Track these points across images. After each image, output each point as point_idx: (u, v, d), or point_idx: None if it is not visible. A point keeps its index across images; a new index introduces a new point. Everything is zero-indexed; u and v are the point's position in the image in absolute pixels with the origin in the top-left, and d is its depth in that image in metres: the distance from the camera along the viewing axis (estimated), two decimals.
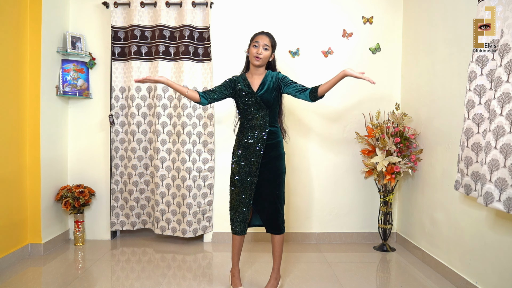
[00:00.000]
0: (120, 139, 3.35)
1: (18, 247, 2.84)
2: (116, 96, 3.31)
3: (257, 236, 3.37)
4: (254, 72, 2.28)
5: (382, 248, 3.17)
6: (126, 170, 3.35)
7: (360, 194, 3.39)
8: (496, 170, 1.77)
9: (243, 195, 2.23)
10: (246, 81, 2.27)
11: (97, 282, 2.50)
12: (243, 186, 2.23)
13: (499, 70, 1.82)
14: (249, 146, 2.23)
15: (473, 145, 2.04)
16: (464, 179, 2.14)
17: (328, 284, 2.47)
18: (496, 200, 1.77)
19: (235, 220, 2.26)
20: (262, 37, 2.22)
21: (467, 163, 2.10)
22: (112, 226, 3.38)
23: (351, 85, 3.34)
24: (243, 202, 2.23)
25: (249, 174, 2.23)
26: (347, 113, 3.35)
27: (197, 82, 3.24)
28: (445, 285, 2.46)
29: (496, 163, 1.78)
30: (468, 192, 2.10)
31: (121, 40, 3.28)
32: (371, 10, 3.32)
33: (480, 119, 2.00)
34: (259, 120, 2.23)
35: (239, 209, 2.25)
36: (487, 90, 1.97)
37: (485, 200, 1.82)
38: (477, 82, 2.02)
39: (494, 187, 1.78)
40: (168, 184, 3.28)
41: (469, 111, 2.07)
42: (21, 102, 2.87)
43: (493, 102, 1.83)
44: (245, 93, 2.24)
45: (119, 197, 3.37)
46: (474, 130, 2.04)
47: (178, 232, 3.28)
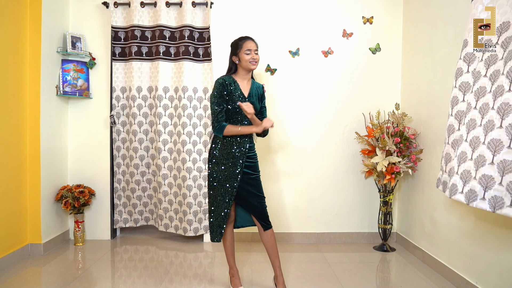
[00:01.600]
0: (121, 138, 3.36)
1: (18, 247, 2.84)
2: (117, 96, 3.31)
3: (256, 236, 3.37)
4: (245, 77, 2.30)
5: (382, 248, 3.17)
6: (128, 169, 3.36)
7: (360, 194, 3.39)
8: (463, 162, 1.75)
9: (222, 201, 2.23)
10: (236, 84, 2.27)
11: (97, 282, 2.50)
12: (222, 191, 2.24)
13: (479, 65, 1.81)
14: (233, 152, 2.24)
15: (453, 141, 1.99)
16: (443, 176, 2.09)
17: (328, 284, 2.47)
18: (459, 192, 1.75)
19: (212, 225, 2.27)
20: (251, 43, 2.25)
21: (446, 160, 2.05)
22: (116, 223, 3.41)
23: (351, 85, 3.34)
24: (221, 208, 2.23)
25: (230, 179, 2.23)
26: (347, 113, 3.35)
27: (197, 82, 3.25)
28: (445, 285, 2.46)
29: (464, 155, 1.76)
30: (445, 189, 2.05)
31: (121, 40, 3.28)
32: (371, 10, 3.32)
33: (461, 116, 1.96)
34: (244, 123, 2.26)
35: (216, 215, 2.26)
36: (471, 87, 1.93)
37: (450, 191, 1.81)
38: (463, 79, 1.98)
39: (459, 179, 1.76)
40: (170, 183, 3.30)
41: (452, 108, 2.04)
42: (21, 102, 2.87)
43: (470, 95, 1.82)
44: (237, 96, 2.23)
45: (122, 195, 3.40)
46: (455, 126, 1.99)
47: (180, 230, 3.31)
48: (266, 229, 2.27)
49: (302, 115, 3.35)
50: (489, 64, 1.75)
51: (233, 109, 2.23)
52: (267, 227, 2.27)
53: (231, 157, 2.24)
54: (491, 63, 1.75)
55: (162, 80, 3.22)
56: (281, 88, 3.33)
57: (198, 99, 3.25)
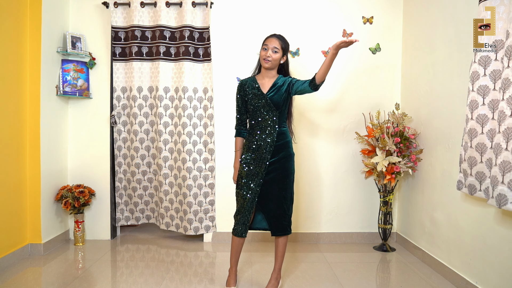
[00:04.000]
0: (122, 138, 3.36)
1: (18, 247, 2.84)
2: (118, 96, 3.32)
3: (257, 236, 3.37)
4: (266, 75, 2.29)
5: (382, 248, 3.17)
6: (129, 168, 3.37)
7: (360, 194, 3.39)
8: (508, 172, 1.77)
9: (248, 197, 2.22)
10: (255, 82, 2.28)
11: (97, 282, 2.50)
12: (248, 188, 2.22)
13: (506, 72, 1.82)
14: (258, 148, 2.23)
15: (477, 145, 2.04)
16: (468, 179, 2.14)
17: (328, 284, 2.47)
18: (510, 202, 1.77)
19: (238, 222, 2.25)
20: (272, 39, 2.22)
21: (470, 164, 2.10)
22: (118, 221, 3.43)
23: (351, 84, 3.34)
24: (247, 204, 2.22)
25: (256, 175, 2.22)
26: (347, 113, 3.35)
27: (197, 82, 3.25)
28: (445, 285, 2.46)
29: (508, 164, 1.77)
30: (473, 192, 2.10)
31: (121, 40, 3.28)
32: (371, 10, 3.32)
33: (484, 120, 2.01)
34: (268, 121, 2.23)
35: (242, 211, 2.24)
36: (491, 91, 1.97)
37: (497, 202, 1.83)
38: (481, 83, 2.02)
39: (508, 189, 1.78)
40: (171, 182, 3.31)
41: (472, 112, 2.07)
42: (21, 102, 2.87)
43: (502, 103, 1.83)
44: (254, 94, 2.24)
45: (123, 194, 3.42)
46: (478, 130, 2.04)
47: (181, 229, 3.33)
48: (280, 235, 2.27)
49: (302, 115, 3.35)
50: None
51: (254, 108, 2.25)
52: (280, 234, 2.26)
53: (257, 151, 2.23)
54: None
55: (163, 80, 3.22)
56: None
57: (198, 99, 3.25)
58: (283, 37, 2.28)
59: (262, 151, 2.22)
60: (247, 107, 2.30)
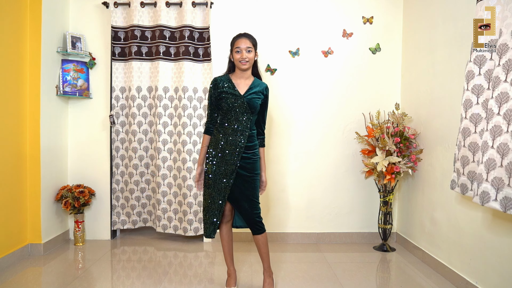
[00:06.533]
0: (120, 138, 3.35)
1: (18, 247, 2.84)
2: (117, 96, 3.31)
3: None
4: (241, 75, 2.25)
5: (382, 248, 3.17)
6: (127, 169, 3.36)
7: (360, 194, 3.39)
8: (492, 169, 1.77)
9: (217, 197, 2.19)
10: (231, 82, 2.23)
11: (97, 282, 2.50)
12: (217, 187, 2.19)
13: (497, 70, 1.82)
14: (229, 147, 2.19)
15: (470, 144, 2.04)
16: (461, 178, 2.14)
17: (328, 284, 2.47)
18: (493, 200, 1.77)
19: (206, 221, 2.23)
20: (243, 40, 2.20)
21: (463, 163, 2.10)
22: (114, 225, 3.39)
23: (351, 84, 3.34)
24: (215, 204, 2.19)
25: (225, 175, 2.19)
26: (347, 113, 3.35)
27: (197, 82, 3.25)
28: (445, 285, 2.46)
29: (493, 162, 1.78)
30: (464, 191, 2.10)
31: (121, 40, 3.28)
32: (371, 10, 3.32)
33: (477, 119, 2.00)
34: (241, 123, 2.20)
35: (210, 211, 2.21)
36: (485, 90, 1.97)
37: (481, 199, 1.83)
38: (475, 82, 2.01)
39: (491, 187, 1.78)
40: (170, 183, 3.30)
41: (466, 111, 2.07)
42: (21, 102, 2.87)
43: (491, 101, 1.83)
44: (230, 94, 2.19)
45: (120, 196, 3.38)
46: (471, 129, 2.03)
47: (180, 231, 3.30)
48: (255, 234, 2.24)
49: (302, 115, 3.35)
50: (508, 69, 1.75)
51: (228, 107, 2.19)
52: (256, 232, 2.24)
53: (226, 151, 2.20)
54: (510, 68, 1.75)
55: (162, 80, 3.22)
56: (281, 88, 3.33)
57: (198, 99, 3.25)
58: (250, 34, 2.28)
59: (232, 151, 2.18)
60: (221, 105, 2.23)
